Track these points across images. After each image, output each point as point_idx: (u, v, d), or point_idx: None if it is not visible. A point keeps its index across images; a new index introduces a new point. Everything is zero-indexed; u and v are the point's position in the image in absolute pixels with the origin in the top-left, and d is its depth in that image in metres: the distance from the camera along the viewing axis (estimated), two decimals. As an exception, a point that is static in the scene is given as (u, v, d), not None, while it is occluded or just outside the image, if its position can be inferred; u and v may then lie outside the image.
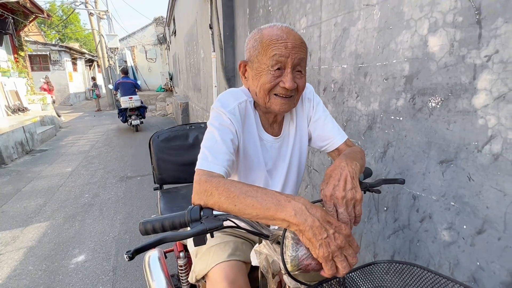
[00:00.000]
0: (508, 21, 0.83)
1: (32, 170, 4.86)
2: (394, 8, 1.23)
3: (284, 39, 0.80)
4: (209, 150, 0.78)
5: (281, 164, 0.98)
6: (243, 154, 0.91)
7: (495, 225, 0.91)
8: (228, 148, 0.79)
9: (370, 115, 1.44)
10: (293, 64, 0.81)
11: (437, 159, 1.09)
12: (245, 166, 0.93)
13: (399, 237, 1.32)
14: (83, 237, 2.74)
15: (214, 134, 0.81)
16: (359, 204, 0.66)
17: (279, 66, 0.81)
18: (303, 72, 0.85)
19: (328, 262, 0.55)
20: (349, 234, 0.58)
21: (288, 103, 0.85)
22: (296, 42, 0.81)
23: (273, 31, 0.83)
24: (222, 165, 0.75)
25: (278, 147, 0.97)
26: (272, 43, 0.80)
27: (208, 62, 4.99)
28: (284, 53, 0.79)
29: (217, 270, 0.86)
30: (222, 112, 0.84)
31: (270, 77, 0.82)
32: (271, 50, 0.80)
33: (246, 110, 0.90)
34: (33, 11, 8.80)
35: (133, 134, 7.78)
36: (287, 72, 0.81)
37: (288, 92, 0.83)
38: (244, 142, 0.90)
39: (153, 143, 1.74)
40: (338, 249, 0.55)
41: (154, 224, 0.66)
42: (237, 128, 0.85)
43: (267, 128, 0.96)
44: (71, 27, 30.20)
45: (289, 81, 0.81)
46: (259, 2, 2.77)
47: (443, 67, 1.03)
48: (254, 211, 0.61)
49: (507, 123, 0.85)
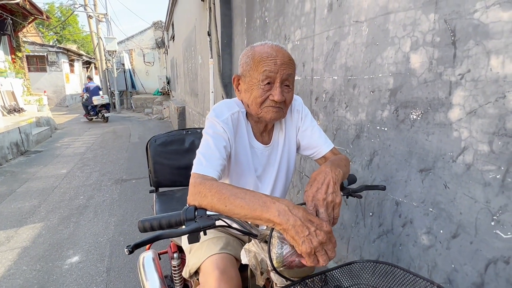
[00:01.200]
0: (479, 43, 0.91)
1: (27, 171, 4.87)
2: (380, 25, 1.31)
3: (273, 56, 0.89)
4: (204, 156, 0.86)
5: (270, 170, 1.06)
6: (234, 160, 0.98)
7: (467, 230, 0.99)
8: (221, 154, 0.87)
9: (358, 125, 1.52)
10: (282, 79, 0.90)
11: (417, 167, 1.17)
12: (236, 172, 1.00)
13: (383, 241, 1.39)
14: (78, 239, 2.76)
15: (208, 141, 0.89)
16: (338, 207, 0.73)
17: (269, 81, 0.89)
18: (290, 86, 0.94)
19: (310, 256, 0.62)
20: (330, 231, 0.65)
21: (278, 112, 0.94)
22: (284, 59, 0.90)
23: (264, 48, 0.91)
24: (215, 169, 0.83)
25: (267, 154, 1.04)
26: (263, 59, 0.89)
27: (205, 68, 5.07)
28: (273, 69, 0.88)
29: (209, 261, 0.93)
30: (216, 122, 0.92)
31: (261, 91, 0.90)
32: (261, 66, 0.89)
33: (238, 120, 0.98)
34: (32, 12, 8.85)
35: (128, 137, 7.80)
36: (276, 86, 0.90)
37: (277, 104, 0.91)
38: (236, 149, 0.98)
39: (150, 147, 1.80)
40: (320, 244, 0.62)
41: (152, 222, 0.73)
42: (229, 136, 0.92)
43: (258, 137, 1.03)
44: (69, 29, 30.22)
45: (277, 94, 0.89)
46: (256, 13, 2.87)
47: (423, 83, 1.12)
48: (242, 211, 0.68)
49: (477, 136, 0.93)
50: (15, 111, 7.72)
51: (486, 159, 0.91)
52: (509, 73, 0.84)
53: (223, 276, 0.87)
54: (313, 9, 1.86)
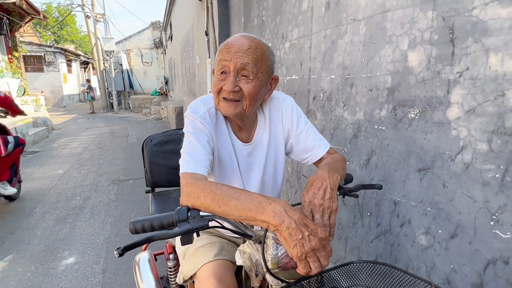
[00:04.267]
0: (477, 41, 0.90)
1: (23, 171, 4.81)
2: (378, 24, 1.30)
3: (231, 44, 0.85)
4: (188, 154, 0.83)
5: (254, 171, 1.00)
6: (217, 158, 0.94)
7: (466, 230, 0.97)
8: (205, 150, 0.84)
9: (356, 124, 1.51)
10: (235, 68, 0.83)
11: (415, 167, 1.16)
12: (220, 170, 0.96)
13: (381, 241, 1.38)
14: (73, 239, 2.74)
15: (190, 139, 0.86)
16: (334, 214, 0.72)
17: (224, 70, 0.86)
18: (250, 77, 0.85)
19: (301, 261, 0.60)
20: (324, 238, 0.62)
21: (232, 106, 0.87)
22: (242, 48, 0.83)
23: (230, 39, 0.89)
24: (203, 166, 0.81)
25: (247, 153, 0.99)
26: (221, 49, 0.87)
27: (203, 68, 5.05)
28: (227, 57, 0.84)
29: (205, 269, 0.90)
30: (194, 118, 0.90)
31: (216, 80, 0.88)
32: (219, 55, 0.87)
33: (216, 115, 0.95)
34: (29, 12, 8.80)
35: (126, 137, 7.77)
36: (229, 76, 0.85)
37: (230, 95, 0.85)
38: (218, 146, 0.94)
39: (146, 147, 1.78)
40: (311, 250, 0.60)
41: (144, 224, 0.71)
42: (209, 131, 0.89)
43: (237, 134, 0.99)
44: (67, 29, 30.12)
45: (228, 84, 0.84)
46: (254, 12, 2.85)
47: (421, 81, 1.10)
48: (237, 212, 0.66)
49: (476, 134, 0.92)
50: (12, 111, 7.66)
51: (485, 158, 0.90)
52: (509, 71, 0.82)
53: (220, 284, 0.85)
54: (311, 8, 1.84)
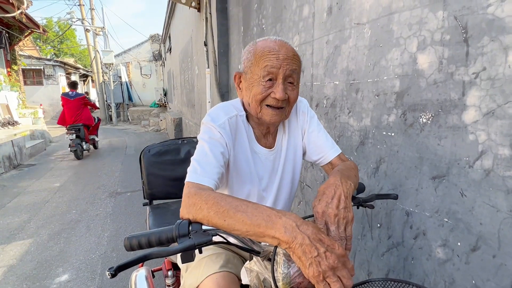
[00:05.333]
0: (494, 39, 0.85)
1: (19, 185, 4.73)
2: (384, 26, 1.26)
3: (276, 50, 0.82)
4: (199, 163, 0.78)
5: (273, 178, 0.97)
6: (234, 168, 0.90)
7: (489, 242, 0.90)
8: (218, 161, 0.79)
9: (362, 131, 1.45)
10: (284, 75, 0.83)
11: (429, 174, 1.09)
12: (238, 180, 0.92)
13: (393, 254, 1.30)
14: (68, 255, 2.63)
15: (204, 147, 0.82)
16: (350, 224, 0.65)
17: (271, 77, 0.82)
18: (295, 84, 0.86)
19: (319, 282, 0.53)
20: (343, 254, 0.55)
21: (279, 114, 0.86)
22: (288, 54, 0.83)
23: (267, 43, 0.85)
24: (212, 178, 0.75)
25: (272, 159, 0.96)
26: (265, 54, 0.82)
27: (202, 78, 5.03)
28: (275, 64, 0.81)
29: (209, 281, 0.83)
30: (212, 126, 0.85)
31: (261, 88, 0.83)
32: (263, 61, 0.82)
33: (237, 124, 0.91)
34: (29, 26, 8.86)
35: (124, 149, 7.70)
36: (278, 83, 0.82)
37: (279, 103, 0.84)
38: (236, 156, 0.90)
39: (143, 157, 1.71)
40: (330, 269, 0.53)
41: (140, 239, 0.64)
42: (227, 141, 0.85)
43: (260, 140, 0.95)
44: (67, 43, 30.43)
45: (279, 91, 0.82)
46: (253, 21, 2.83)
47: (433, 84, 1.05)
48: (244, 227, 0.59)
49: (497, 138, 0.86)
50: (9, 124, 7.60)
51: (508, 164, 0.84)
52: (531, 70, 0.77)
53: None
54: (312, 14, 1.81)
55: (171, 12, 9.06)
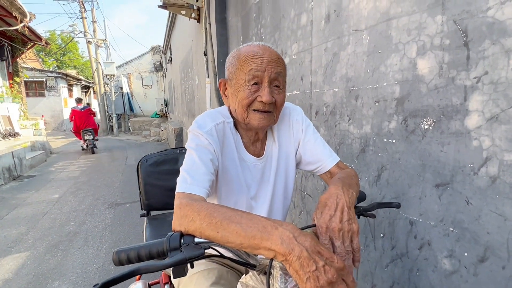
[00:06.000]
0: (495, 42, 0.83)
1: (17, 196, 4.69)
2: (382, 32, 1.25)
3: (260, 54, 0.82)
4: (188, 172, 0.75)
5: (265, 187, 0.95)
6: (222, 176, 0.88)
7: (497, 253, 0.86)
8: (207, 169, 0.77)
9: (363, 138, 1.42)
10: (270, 78, 0.81)
11: (432, 182, 1.06)
12: (226, 189, 0.89)
13: (398, 266, 1.25)
14: (65, 268, 2.57)
15: (192, 155, 0.80)
16: (357, 237, 0.62)
17: (256, 81, 0.81)
18: (281, 87, 0.85)
19: None
20: (342, 268, 0.52)
21: (266, 118, 0.85)
22: (272, 57, 0.83)
23: (250, 48, 0.84)
24: (203, 186, 0.72)
25: (261, 168, 0.94)
26: (249, 58, 0.81)
27: (202, 88, 5.05)
28: (260, 67, 0.80)
29: None
30: (199, 133, 0.83)
31: (247, 92, 0.82)
32: (247, 65, 0.81)
33: (224, 131, 0.89)
34: (31, 38, 8.98)
35: (125, 160, 7.68)
36: (264, 86, 0.81)
37: (266, 106, 0.83)
38: (224, 163, 0.87)
39: (141, 167, 1.69)
40: (329, 284, 0.49)
41: (129, 254, 0.60)
42: (215, 148, 0.83)
43: (248, 148, 0.93)
44: (70, 55, 30.82)
45: (266, 95, 0.80)
46: (252, 30, 2.85)
47: (434, 89, 1.03)
48: (238, 239, 0.56)
49: (502, 144, 0.83)
50: (10, 135, 7.61)
51: (514, 170, 0.80)
52: (535, 72, 0.75)
53: None
54: (310, 22, 1.81)
55: (171, 24, 9.18)
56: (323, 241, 0.61)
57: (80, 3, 14.10)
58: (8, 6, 6.59)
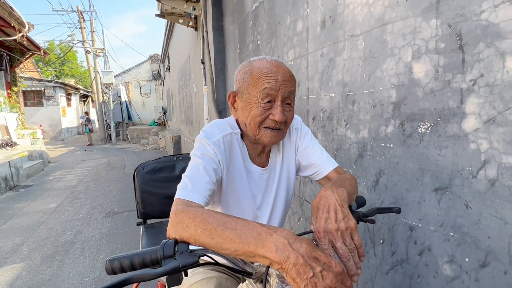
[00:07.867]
0: (490, 45, 0.83)
1: (14, 206, 4.64)
2: (378, 37, 1.25)
3: (274, 72, 0.81)
4: (190, 179, 0.75)
5: (268, 196, 0.95)
6: (228, 187, 0.88)
7: (499, 257, 0.85)
8: (210, 178, 0.77)
9: (360, 143, 1.41)
10: (283, 97, 0.82)
11: (431, 186, 1.05)
12: (233, 199, 0.90)
13: (398, 272, 1.23)
14: (60, 279, 2.52)
15: (196, 163, 0.80)
16: (356, 232, 0.61)
17: (270, 99, 0.81)
18: (291, 104, 0.87)
19: None
20: (341, 272, 0.51)
21: (277, 135, 0.86)
22: (285, 76, 0.83)
23: (263, 64, 0.84)
24: (202, 194, 0.72)
25: (266, 178, 0.95)
26: (263, 76, 0.81)
27: (200, 95, 5.05)
28: (274, 86, 0.80)
29: None
30: (206, 143, 0.83)
31: (261, 110, 0.82)
32: (261, 83, 0.80)
33: (231, 142, 0.89)
34: (30, 48, 9.02)
35: (123, 168, 7.63)
36: (277, 105, 0.82)
37: (277, 124, 0.83)
38: (230, 174, 0.88)
39: (137, 175, 1.67)
40: None
41: (122, 262, 0.59)
42: (220, 159, 0.83)
43: (254, 159, 0.94)
44: (68, 64, 30.96)
45: (279, 113, 0.81)
46: (249, 37, 2.86)
47: (430, 93, 1.03)
48: (232, 245, 0.54)
49: (500, 146, 0.82)
50: (8, 145, 7.58)
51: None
52: (530, 74, 0.74)
53: None
54: (306, 28, 1.82)
55: (169, 33, 9.25)
56: (323, 246, 0.60)
57: (79, 13, 14.21)
58: (6, 16, 6.63)
